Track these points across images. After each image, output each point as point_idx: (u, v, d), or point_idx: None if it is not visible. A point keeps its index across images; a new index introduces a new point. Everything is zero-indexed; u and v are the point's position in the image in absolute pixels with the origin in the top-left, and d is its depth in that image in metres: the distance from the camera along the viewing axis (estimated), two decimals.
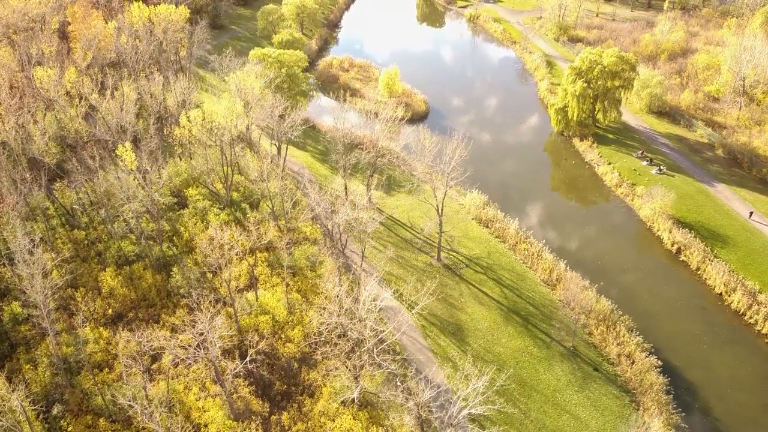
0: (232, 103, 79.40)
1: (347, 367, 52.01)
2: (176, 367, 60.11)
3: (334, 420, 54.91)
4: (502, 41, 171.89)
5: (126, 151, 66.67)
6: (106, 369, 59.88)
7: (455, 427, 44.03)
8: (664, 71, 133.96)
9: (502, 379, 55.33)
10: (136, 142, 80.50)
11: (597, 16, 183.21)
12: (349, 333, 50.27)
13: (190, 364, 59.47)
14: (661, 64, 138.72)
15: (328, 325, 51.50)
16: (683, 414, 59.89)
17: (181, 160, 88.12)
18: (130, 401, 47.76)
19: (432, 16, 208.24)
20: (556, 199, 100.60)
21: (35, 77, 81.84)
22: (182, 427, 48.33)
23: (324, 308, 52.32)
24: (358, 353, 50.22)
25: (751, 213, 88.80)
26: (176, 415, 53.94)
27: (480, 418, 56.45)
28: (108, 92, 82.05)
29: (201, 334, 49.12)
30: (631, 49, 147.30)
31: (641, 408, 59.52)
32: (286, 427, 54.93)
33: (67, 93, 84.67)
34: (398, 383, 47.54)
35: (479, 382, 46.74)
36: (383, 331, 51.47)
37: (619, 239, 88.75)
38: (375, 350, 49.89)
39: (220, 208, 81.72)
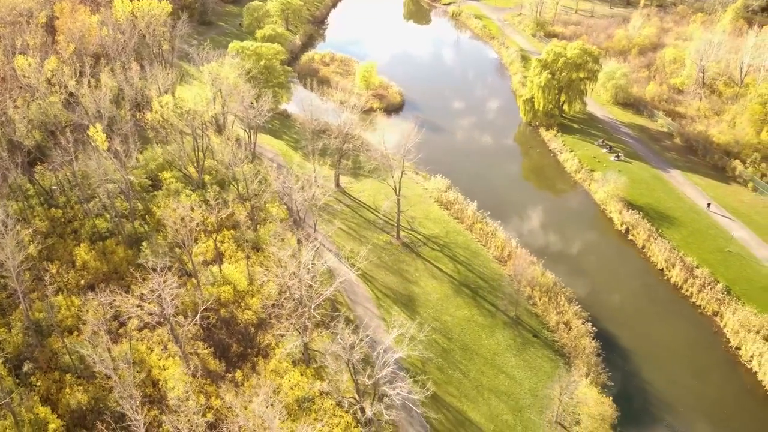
0: (202, 89, 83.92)
1: (293, 326, 56.60)
2: (141, 331, 64.78)
3: (282, 376, 59.49)
4: (482, 37, 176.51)
5: (97, 132, 71.28)
6: (76, 332, 64.43)
7: (383, 367, 48.56)
8: (633, 65, 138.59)
9: (425, 330, 60.81)
10: (112, 126, 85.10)
11: (576, 12, 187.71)
12: (292, 291, 54.82)
13: (154, 327, 64.33)
14: (631, 58, 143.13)
15: (273, 281, 55.99)
16: (610, 373, 64.34)
17: (156, 145, 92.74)
18: (89, 353, 52.26)
19: (418, 13, 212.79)
20: (520, 184, 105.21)
21: (16, 65, 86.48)
22: (135, 375, 52.76)
23: (268, 268, 56.74)
24: (300, 310, 54.80)
25: (709, 204, 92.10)
26: (138, 372, 58.57)
27: (423, 379, 60.92)
28: (86, 80, 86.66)
29: (154, 291, 53.63)
30: (605, 44, 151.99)
31: (572, 369, 63.94)
32: (239, 383, 59.48)
33: (48, 81, 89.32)
34: (339, 340, 51.97)
35: (405, 330, 51.25)
36: (319, 287, 56.09)
37: (574, 221, 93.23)
38: (312, 305, 54.46)
39: (191, 190, 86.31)
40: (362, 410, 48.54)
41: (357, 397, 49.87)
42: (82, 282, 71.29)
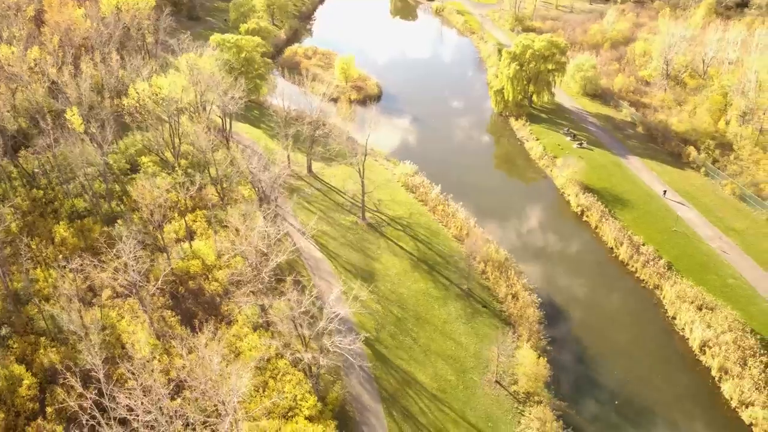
0: (177, 76, 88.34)
1: (250, 290, 61.17)
2: (113, 300, 69.29)
3: (242, 339, 64.03)
4: (464, 32, 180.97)
5: (73, 114, 75.70)
6: (52, 301, 68.87)
7: (324, 319, 53.24)
8: (605, 58, 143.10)
9: (367, 290, 65.83)
10: (91, 112, 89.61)
11: (557, 8, 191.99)
12: (246, 256, 59.42)
13: (126, 296, 68.88)
14: (603, 52, 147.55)
15: (232, 249, 60.54)
16: (550, 339, 68.97)
17: (136, 131, 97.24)
18: (58, 313, 56.74)
19: (404, 10, 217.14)
20: (487, 170, 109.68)
21: (0, 54, 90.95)
22: (101, 331, 57.23)
23: (227, 237, 61.25)
24: (255, 273, 59.46)
25: (665, 191, 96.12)
26: (108, 336, 63.09)
27: (372, 340, 65.73)
28: (67, 69, 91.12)
29: (119, 257, 58.11)
30: (580, 38, 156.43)
31: (513, 333, 68.44)
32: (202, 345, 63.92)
33: (31, 69, 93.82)
34: (293, 306, 56.39)
35: (347, 289, 55.69)
36: (275, 256, 60.63)
37: (534, 203, 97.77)
38: (264, 271, 59.00)
39: (168, 173, 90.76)
40: (302, 359, 53.10)
41: (300, 349, 54.51)
42: (60, 257, 75.72)
